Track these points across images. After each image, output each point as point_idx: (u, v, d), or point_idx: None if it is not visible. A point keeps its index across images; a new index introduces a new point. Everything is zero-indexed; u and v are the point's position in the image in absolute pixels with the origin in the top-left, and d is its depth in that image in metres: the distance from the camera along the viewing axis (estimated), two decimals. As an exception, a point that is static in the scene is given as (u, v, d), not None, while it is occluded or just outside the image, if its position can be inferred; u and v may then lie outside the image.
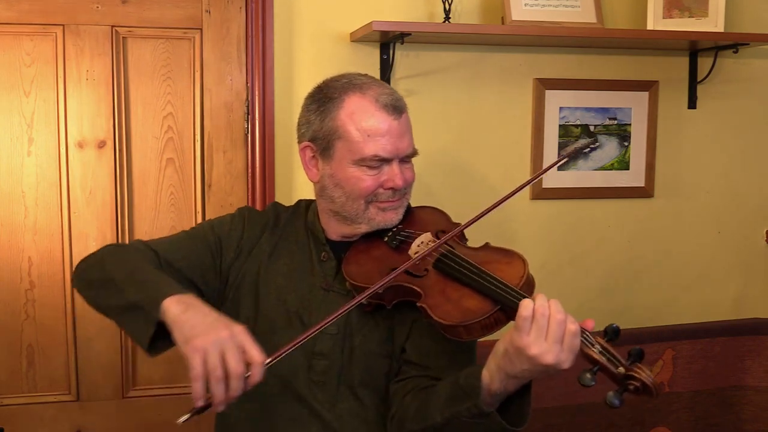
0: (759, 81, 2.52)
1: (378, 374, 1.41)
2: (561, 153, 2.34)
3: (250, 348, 1.13)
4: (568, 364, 1.11)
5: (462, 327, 1.21)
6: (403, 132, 1.41)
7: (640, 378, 1.09)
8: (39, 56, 2.08)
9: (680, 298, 2.53)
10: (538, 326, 1.10)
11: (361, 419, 1.40)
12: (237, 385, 1.11)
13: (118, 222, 2.15)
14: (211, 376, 1.10)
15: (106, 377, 2.20)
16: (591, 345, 1.13)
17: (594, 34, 2.20)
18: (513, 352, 1.12)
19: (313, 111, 1.45)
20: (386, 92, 1.42)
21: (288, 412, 1.41)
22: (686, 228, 2.52)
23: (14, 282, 2.13)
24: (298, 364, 1.41)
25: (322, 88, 1.47)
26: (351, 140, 1.39)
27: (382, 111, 1.39)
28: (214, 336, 1.12)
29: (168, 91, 2.16)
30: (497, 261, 1.30)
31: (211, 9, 2.16)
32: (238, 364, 1.11)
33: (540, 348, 1.09)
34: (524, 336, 1.10)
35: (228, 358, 1.11)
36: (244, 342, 1.13)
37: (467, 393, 1.20)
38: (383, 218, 1.43)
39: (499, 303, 1.20)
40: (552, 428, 2.16)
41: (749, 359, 2.32)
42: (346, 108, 1.40)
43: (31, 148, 2.10)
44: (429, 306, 1.26)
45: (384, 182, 1.40)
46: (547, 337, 1.10)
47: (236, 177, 2.21)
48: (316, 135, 1.44)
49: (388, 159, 1.39)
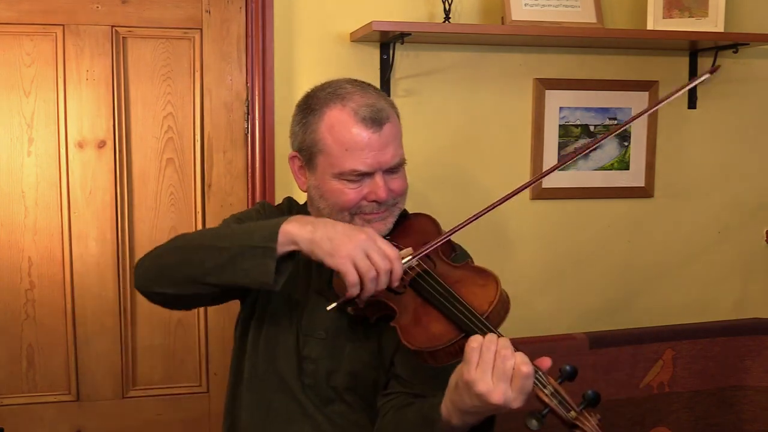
0: (759, 81, 2.52)
1: (365, 383, 1.41)
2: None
3: (385, 245, 1.23)
4: (518, 404, 1.07)
5: (427, 353, 1.19)
6: (385, 144, 1.38)
7: (584, 429, 1.06)
8: (39, 56, 2.08)
9: (680, 298, 2.53)
10: (484, 361, 1.07)
11: (352, 422, 1.41)
12: (385, 280, 1.22)
13: (118, 222, 2.15)
14: (365, 278, 1.20)
15: (106, 377, 2.20)
16: (543, 386, 1.09)
17: (594, 34, 2.19)
18: (462, 386, 1.09)
19: (298, 122, 1.45)
20: (368, 103, 1.38)
21: (284, 409, 1.43)
22: (686, 228, 2.52)
23: (14, 282, 2.13)
24: (291, 366, 1.42)
25: (308, 97, 1.45)
26: (331, 154, 1.38)
27: (361, 125, 1.36)
28: (354, 243, 1.21)
29: (168, 91, 2.16)
30: (472, 282, 1.28)
31: (211, 9, 2.16)
32: (383, 260, 1.21)
33: (487, 385, 1.06)
34: (472, 370, 1.08)
35: (373, 258, 1.21)
36: (379, 241, 1.23)
37: (428, 423, 1.20)
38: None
39: (464, 331, 1.17)
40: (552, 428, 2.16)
41: (749, 359, 2.32)
42: (326, 121, 1.39)
43: (31, 148, 2.10)
44: (400, 327, 1.25)
45: (367, 195, 1.38)
46: (493, 373, 1.06)
47: (236, 177, 2.21)
48: (301, 146, 1.43)
49: (368, 173, 1.38)
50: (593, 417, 1.07)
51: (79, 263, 2.15)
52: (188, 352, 2.24)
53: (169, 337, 2.23)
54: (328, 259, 1.21)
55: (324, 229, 1.23)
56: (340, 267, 1.20)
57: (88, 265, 2.15)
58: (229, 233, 1.33)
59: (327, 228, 1.23)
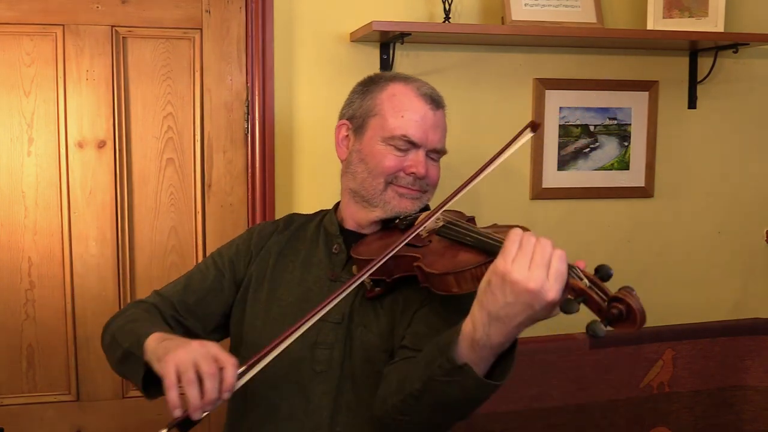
0: (759, 81, 2.52)
1: (378, 369, 1.39)
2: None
3: (222, 355, 1.15)
4: (554, 294, 1.03)
5: (452, 276, 1.19)
6: (436, 124, 1.47)
7: (625, 300, 1.01)
8: (39, 56, 2.08)
9: (680, 298, 2.53)
10: (524, 252, 1.05)
11: (360, 414, 1.40)
12: (211, 386, 1.11)
13: (118, 222, 2.15)
14: (183, 380, 1.12)
15: (106, 377, 2.19)
16: (579, 278, 1.06)
17: (594, 34, 2.20)
18: (496, 281, 1.05)
19: (358, 92, 1.53)
20: (428, 85, 1.49)
21: (287, 405, 1.42)
22: (686, 228, 2.52)
23: (14, 282, 2.13)
24: (300, 356, 1.41)
25: (371, 76, 1.55)
26: (385, 117, 1.45)
27: (421, 99, 1.46)
28: (185, 348, 1.16)
29: (168, 91, 2.16)
30: (499, 231, 1.28)
31: (211, 9, 2.16)
32: (210, 366, 1.12)
33: (522, 273, 1.03)
34: (508, 260, 1.05)
35: (200, 364, 1.13)
36: (216, 351, 1.15)
37: (441, 348, 1.14)
38: (399, 204, 1.45)
39: (493, 255, 1.14)
40: (552, 428, 2.16)
41: (749, 359, 2.32)
42: (388, 91, 1.48)
43: (31, 148, 2.10)
44: (425, 263, 1.25)
45: (407, 167, 1.44)
46: (531, 263, 1.04)
47: (236, 177, 2.21)
48: (355, 113, 1.51)
49: (416, 144, 1.44)
50: (633, 295, 1.02)
51: (79, 263, 2.15)
52: (188, 352, 2.24)
53: (169, 337, 2.23)
54: (156, 365, 1.22)
55: (170, 341, 1.23)
56: (162, 370, 1.16)
57: (88, 266, 2.15)
58: (130, 329, 1.39)
59: (173, 341, 1.23)
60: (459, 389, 1.12)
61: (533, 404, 2.12)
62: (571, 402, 2.16)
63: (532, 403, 2.12)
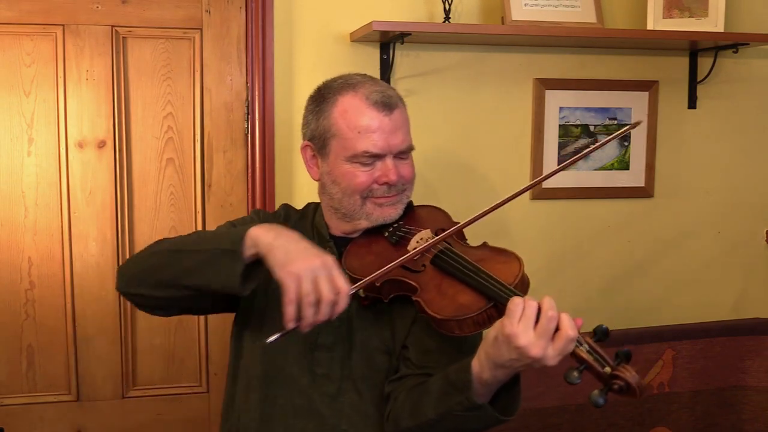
0: (759, 81, 2.52)
1: (378, 369, 1.42)
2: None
3: (338, 277, 1.20)
4: (554, 362, 1.11)
5: (454, 321, 1.22)
6: (395, 128, 1.43)
7: (624, 378, 1.08)
8: (39, 56, 2.08)
9: (680, 298, 2.53)
10: (527, 317, 1.11)
11: (361, 414, 1.41)
12: (326, 310, 1.18)
13: (118, 222, 2.15)
14: (304, 301, 1.17)
15: (106, 377, 2.20)
16: (579, 344, 1.12)
17: (594, 34, 2.20)
18: (502, 339, 1.13)
19: (311, 111, 1.50)
20: (378, 89, 1.44)
21: (289, 406, 1.42)
22: (686, 228, 2.52)
23: (14, 282, 2.13)
24: (301, 357, 1.42)
25: (320, 89, 1.51)
26: (343, 137, 1.43)
27: (372, 108, 1.42)
28: (308, 263, 1.19)
29: (168, 91, 2.16)
30: (494, 260, 1.31)
31: (211, 9, 2.16)
32: (329, 291, 1.18)
33: (527, 339, 1.10)
34: (514, 324, 1.11)
35: (320, 285, 1.18)
36: (334, 271, 1.20)
37: (458, 387, 1.22)
38: (381, 213, 1.46)
39: (493, 300, 1.21)
40: (552, 428, 2.16)
41: (749, 359, 2.32)
42: (339, 107, 1.44)
43: (31, 148, 2.10)
44: (424, 300, 1.27)
45: (378, 177, 1.43)
46: (536, 329, 1.11)
47: (236, 177, 2.21)
48: (314, 134, 1.48)
49: (379, 155, 1.42)
50: (630, 370, 1.10)
51: (79, 263, 2.15)
52: (188, 352, 2.24)
53: (169, 337, 2.23)
54: (277, 270, 1.20)
55: (286, 239, 1.23)
56: (284, 280, 1.19)
57: (88, 265, 2.15)
58: (204, 238, 1.37)
59: (290, 240, 1.23)
60: (476, 421, 1.23)
61: (532, 404, 2.12)
62: (570, 402, 2.16)
63: (532, 403, 2.12)
